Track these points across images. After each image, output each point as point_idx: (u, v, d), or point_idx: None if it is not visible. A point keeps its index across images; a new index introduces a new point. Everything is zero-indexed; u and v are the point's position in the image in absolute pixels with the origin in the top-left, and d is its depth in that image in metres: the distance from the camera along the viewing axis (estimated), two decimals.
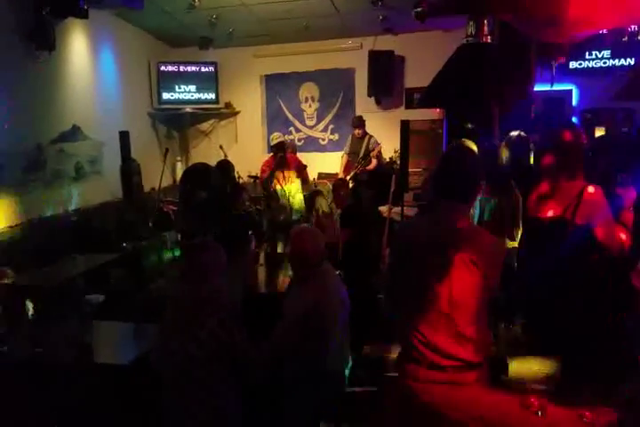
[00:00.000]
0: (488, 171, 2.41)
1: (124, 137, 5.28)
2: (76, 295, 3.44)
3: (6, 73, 4.71)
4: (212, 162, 6.64)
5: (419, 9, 5.93)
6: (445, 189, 2.06)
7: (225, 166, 4.88)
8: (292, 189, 5.78)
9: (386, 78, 7.36)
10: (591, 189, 2.50)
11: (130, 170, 5.20)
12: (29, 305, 3.12)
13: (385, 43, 7.41)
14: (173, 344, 2.30)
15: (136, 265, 4.30)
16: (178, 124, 7.88)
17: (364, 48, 7.54)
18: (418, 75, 7.36)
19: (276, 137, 5.92)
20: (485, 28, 3.28)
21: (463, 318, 1.96)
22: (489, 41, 3.27)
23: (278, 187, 5.77)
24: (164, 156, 5.40)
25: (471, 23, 3.28)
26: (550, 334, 2.52)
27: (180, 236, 4.36)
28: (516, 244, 3.38)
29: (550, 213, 2.57)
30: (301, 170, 5.96)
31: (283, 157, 5.79)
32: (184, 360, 2.26)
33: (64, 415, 2.62)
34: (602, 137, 5.31)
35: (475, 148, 3.18)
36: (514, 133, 3.75)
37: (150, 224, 4.90)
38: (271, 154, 6.08)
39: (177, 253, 4.66)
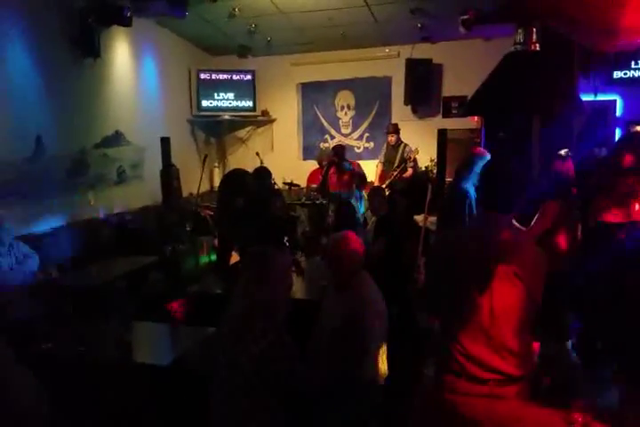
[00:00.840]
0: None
1: (165, 143, 5.41)
2: (117, 296, 3.51)
3: (53, 78, 4.88)
4: (249, 168, 6.78)
5: (465, 17, 5.88)
6: (488, 201, 2.06)
7: (262, 173, 4.94)
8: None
9: (423, 86, 7.35)
10: None
11: (170, 175, 5.32)
12: (72, 305, 3.19)
13: (422, 51, 7.40)
14: (225, 351, 2.28)
15: (174, 268, 4.37)
16: (216, 131, 8.03)
17: (402, 56, 7.53)
18: (456, 83, 7.33)
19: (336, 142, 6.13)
20: (534, 36, 3.23)
21: (505, 331, 1.94)
22: (537, 49, 3.22)
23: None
24: (203, 162, 5.49)
25: (520, 31, 3.23)
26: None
27: (217, 241, 4.42)
28: None
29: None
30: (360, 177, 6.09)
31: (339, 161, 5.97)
32: (233, 368, 2.25)
33: (104, 413, 2.67)
34: None
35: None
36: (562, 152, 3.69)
37: (188, 228, 4.98)
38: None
39: (213, 257, 4.72)
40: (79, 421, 2.64)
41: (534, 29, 3.19)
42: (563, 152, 3.41)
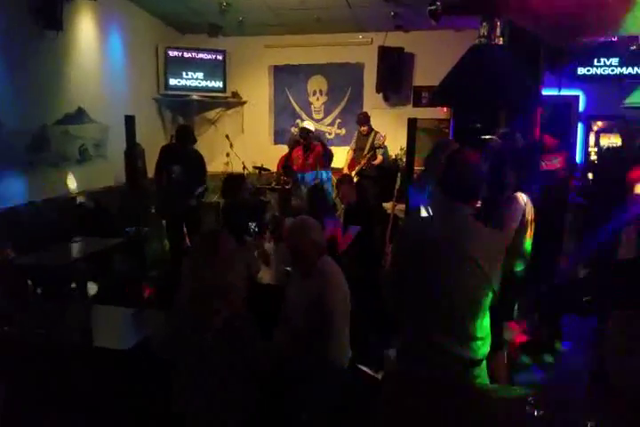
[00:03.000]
0: None
1: (130, 121, 5.23)
2: (77, 278, 3.41)
3: (13, 51, 4.66)
4: (218, 151, 6.73)
5: (433, 7, 5.90)
6: (450, 190, 2.10)
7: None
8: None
9: (395, 75, 7.34)
10: None
11: (134, 155, 5.16)
12: (31, 286, 3.09)
13: (395, 39, 7.37)
14: (186, 331, 2.27)
15: (138, 251, 4.27)
16: (184, 111, 7.83)
17: (375, 44, 7.49)
18: (427, 73, 7.34)
19: (307, 124, 6.16)
20: (498, 30, 3.26)
21: (464, 316, 1.99)
22: (500, 43, 3.25)
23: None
24: (170, 142, 5.36)
25: (484, 24, 3.25)
26: None
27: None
28: None
29: None
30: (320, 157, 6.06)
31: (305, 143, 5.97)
32: (197, 347, 2.23)
33: (64, 398, 2.60)
34: None
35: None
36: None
37: (153, 210, 4.86)
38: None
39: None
40: (38, 405, 2.56)
41: (498, 23, 3.20)
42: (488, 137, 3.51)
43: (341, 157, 7.05)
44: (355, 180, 6.35)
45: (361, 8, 6.52)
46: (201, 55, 7.62)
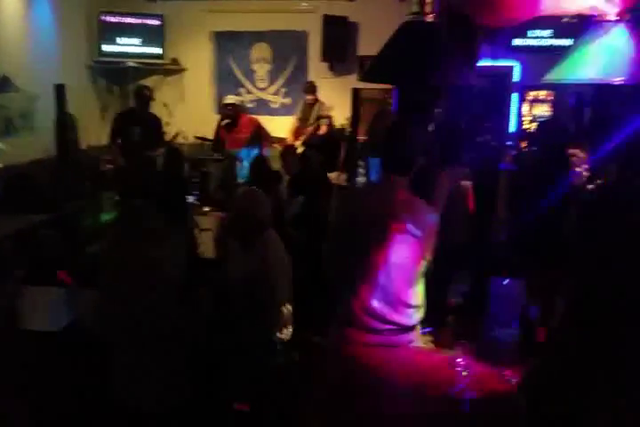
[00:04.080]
0: None
1: (60, 90, 4.95)
2: (3, 258, 3.23)
3: None
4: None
5: None
6: (386, 163, 2.16)
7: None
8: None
9: (339, 44, 7.21)
10: None
11: (65, 126, 4.90)
12: None
13: (340, 8, 7.19)
14: (118, 307, 2.20)
15: (71, 227, 4.07)
16: (119, 79, 7.42)
17: (319, 12, 7.30)
18: (372, 43, 7.14)
19: (229, 99, 5.80)
20: (428, 7, 3.23)
21: (399, 285, 2.06)
22: (431, 20, 3.22)
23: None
24: (104, 112, 5.10)
25: (415, 0, 3.21)
26: None
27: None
28: None
29: None
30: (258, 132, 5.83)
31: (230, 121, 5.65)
32: (129, 323, 2.18)
33: None
34: None
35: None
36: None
37: (87, 183, 4.65)
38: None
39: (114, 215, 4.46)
40: None
41: (428, 0, 3.16)
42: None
43: (286, 126, 6.94)
44: (299, 150, 6.30)
45: None
46: (137, 20, 7.21)
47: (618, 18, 3.03)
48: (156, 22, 7.28)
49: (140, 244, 2.20)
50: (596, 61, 3.37)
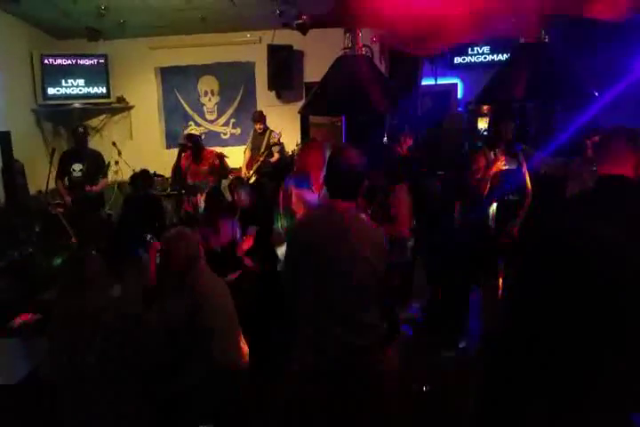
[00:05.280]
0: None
1: (5, 137, 4.91)
2: None
3: None
4: (106, 159, 6.43)
5: (300, 21, 6.14)
6: (333, 190, 2.22)
7: None
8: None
9: (285, 72, 7.37)
10: None
11: (12, 171, 4.85)
12: None
13: (284, 37, 7.35)
14: (63, 357, 2.18)
15: (23, 274, 3.99)
16: (66, 121, 7.37)
17: (263, 42, 7.47)
18: (317, 69, 7.34)
19: (190, 129, 5.87)
20: (359, 40, 3.40)
21: (355, 306, 2.12)
22: (363, 52, 3.38)
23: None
24: (51, 156, 5.07)
25: (347, 35, 3.36)
26: None
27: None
28: None
29: None
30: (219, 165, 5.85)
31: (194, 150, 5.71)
32: (76, 372, 2.16)
33: None
34: None
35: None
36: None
37: (37, 229, 4.57)
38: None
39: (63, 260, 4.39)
40: None
41: (360, 34, 3.32)
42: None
43: (238, 156, 6.99)
44: (253, 178, 6.35)
45: (246, 7, 6.44)
46: (80, 61, 7.21)
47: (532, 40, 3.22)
48: (99, 62, 7.30)
49: (80, 293, 2.20)
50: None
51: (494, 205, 3.78)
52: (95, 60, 7.28)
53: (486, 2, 3.10)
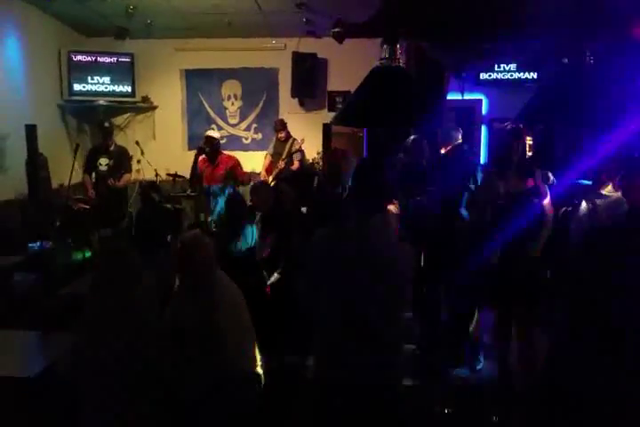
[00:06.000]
0: None
1: (31, 130, 4.96)
2: None
3: None
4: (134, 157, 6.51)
5: (336, 30, 6.18)
6: (360, 202, 2.17)
7: None
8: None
9: (309, 80, 7.40)
10: None
11: (36, 165, 4.89)
12: None
13: (308, 45, 7.43)
14: (89, 352, 2.18)
15: (43, 268, 4.01)
16: (90, 118, 7.45)
17: (288, 49, 7.52)
18: (340, 78, 7.47)
19: (212, 132, 5.89)
20: (397, 52, 3.38)
21: (377, 323, 2.07)
22: (401, 65, 3.37)
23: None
24: (75, 151, 5.10)
25: (385, 47, 3.35)
26: None
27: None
28: None
29: None
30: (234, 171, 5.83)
31: (210, 153, 5.68)
32: (99, 371, 2.15)
33: None
34: None
35: None
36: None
37: (58, 223, 4.60)
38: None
39: (87, 254, 4.41)
40: None
41: (397, 46, 3.30)
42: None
43: (259, 161, 7.02)
44: (272, 184, 6.35)
45: (273, 13, 6.51)
46: (107, 59, 7.29)
47: None
48: (126, 60, 7.37)
49: (118, 285, 2.20)
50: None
51: None
52: (122, 59, 7.35)
53: None
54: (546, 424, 2.14)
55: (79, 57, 7.12)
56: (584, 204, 3.56)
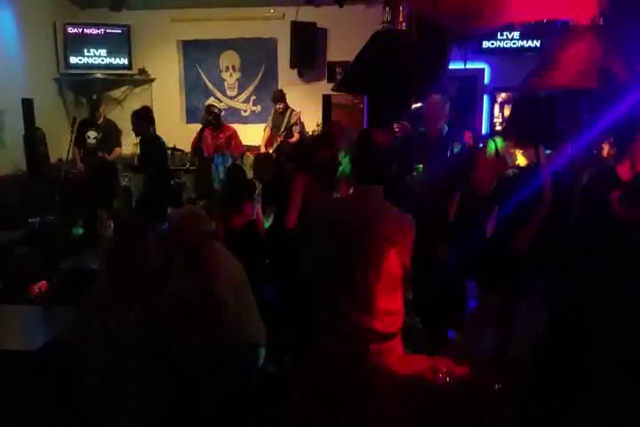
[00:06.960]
0: None
1: (28, 105, 4.91)
2: None
3: None
4: (126, 131, 6.45)
5: None
6: (360, 174, 2.17)
7: None
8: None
9: (308, 51, 7.25)
10: None
11: (34, 140, 4.86)
12: None
13: (307, 14, 7.24)
14: (97, 324, 2.20)
15: (43, 243, 4.03)
16: (87, 91, 7.35)
17: (286, 18, 7.35)
18: (340, 48, 7.31)
19: (212, 101, 5.86)
20: (401, 16, 3.28)
21: (378, 293, 2.07)
22: (404, 28, 3.27)
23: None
24: (72, 125, 5.06)
25: (387, 9, 3.24)
26: None
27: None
28: None
29: None
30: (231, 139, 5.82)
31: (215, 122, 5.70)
32: (106, 342, 2.18)
33: None
34: None
35: None
36: None
37: (57, 198, 4.60)
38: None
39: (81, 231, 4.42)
40: None
41: (400, 8, 3.20)
42: None
43: (258, 134, 6.95)
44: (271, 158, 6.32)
45: None
46: (103, 31, 7.17)
47: (586, 23, 3.09)
48: (122, 32, 7.25)
49: (132, 260, 2.22)
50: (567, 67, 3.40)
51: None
52: (118, 31, 7.24)
53: None
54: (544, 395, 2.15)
55: (75, 29, 7.02)
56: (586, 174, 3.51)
